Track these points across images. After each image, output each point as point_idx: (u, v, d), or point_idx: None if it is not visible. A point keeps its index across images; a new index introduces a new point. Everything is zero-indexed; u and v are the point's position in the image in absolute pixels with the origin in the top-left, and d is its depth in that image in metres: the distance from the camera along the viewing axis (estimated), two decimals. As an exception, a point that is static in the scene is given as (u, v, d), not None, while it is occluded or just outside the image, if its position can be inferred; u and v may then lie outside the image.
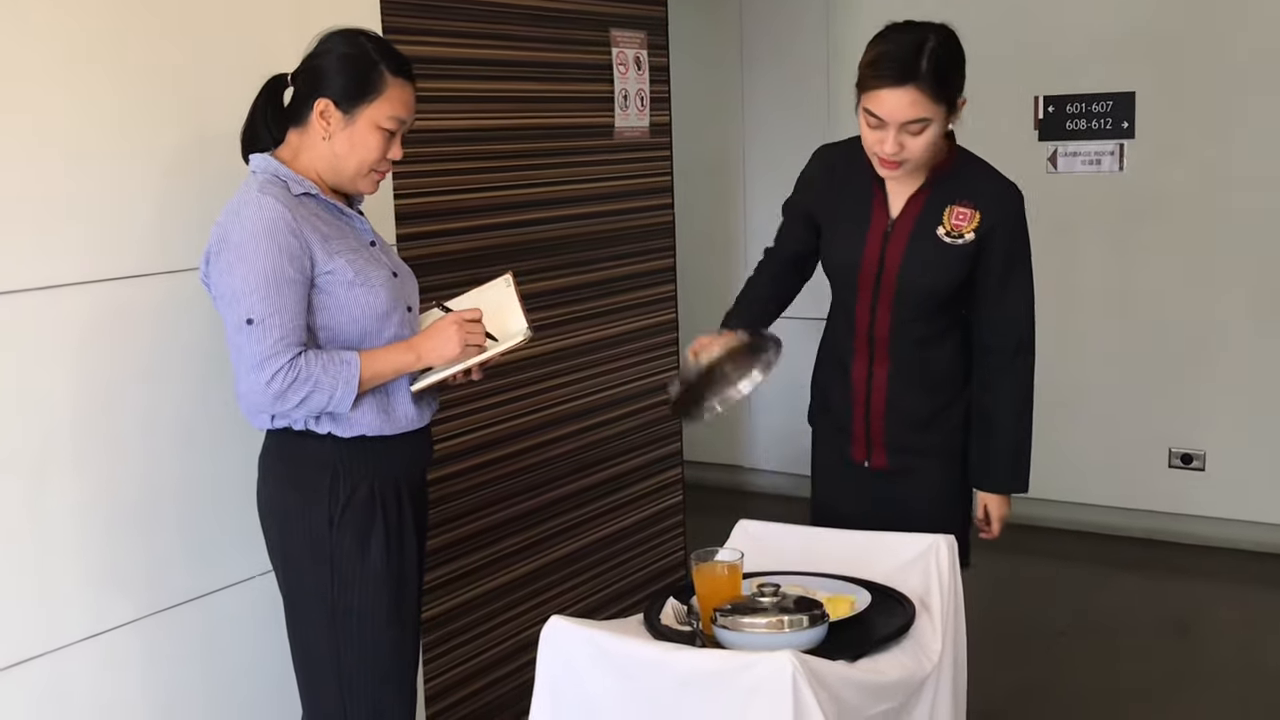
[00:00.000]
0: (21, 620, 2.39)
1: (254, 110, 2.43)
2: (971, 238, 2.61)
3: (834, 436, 2.84)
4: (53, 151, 2.40)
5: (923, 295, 2.66)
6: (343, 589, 2.39)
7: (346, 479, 2.37)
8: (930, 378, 2.72)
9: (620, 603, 4.04)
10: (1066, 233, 5.14)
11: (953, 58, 2.50)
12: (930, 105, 2.46)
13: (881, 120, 2.48)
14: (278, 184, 2.33)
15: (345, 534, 2.37)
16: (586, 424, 3.88)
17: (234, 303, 2.26)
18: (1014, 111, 5.22)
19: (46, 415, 2.42)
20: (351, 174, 2.40)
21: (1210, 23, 4.87)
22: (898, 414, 2.72)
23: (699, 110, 5.85)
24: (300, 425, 2.36)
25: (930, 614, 2.34)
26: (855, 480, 2.80)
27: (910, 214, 2.64)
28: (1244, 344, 4.93)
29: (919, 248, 2.62)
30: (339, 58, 2.36)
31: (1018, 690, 3.86)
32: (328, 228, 2.35)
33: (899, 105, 2.45)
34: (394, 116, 2.37)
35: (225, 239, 2.28)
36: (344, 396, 2.29)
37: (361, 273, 2.35)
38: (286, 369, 2.23)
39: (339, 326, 2.35)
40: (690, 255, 5.11)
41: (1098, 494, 5.27)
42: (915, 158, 2.53)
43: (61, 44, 2.41)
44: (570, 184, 3.78)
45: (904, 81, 2.44)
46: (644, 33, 4.07)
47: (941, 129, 2.52)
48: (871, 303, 2.67)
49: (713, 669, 2.00)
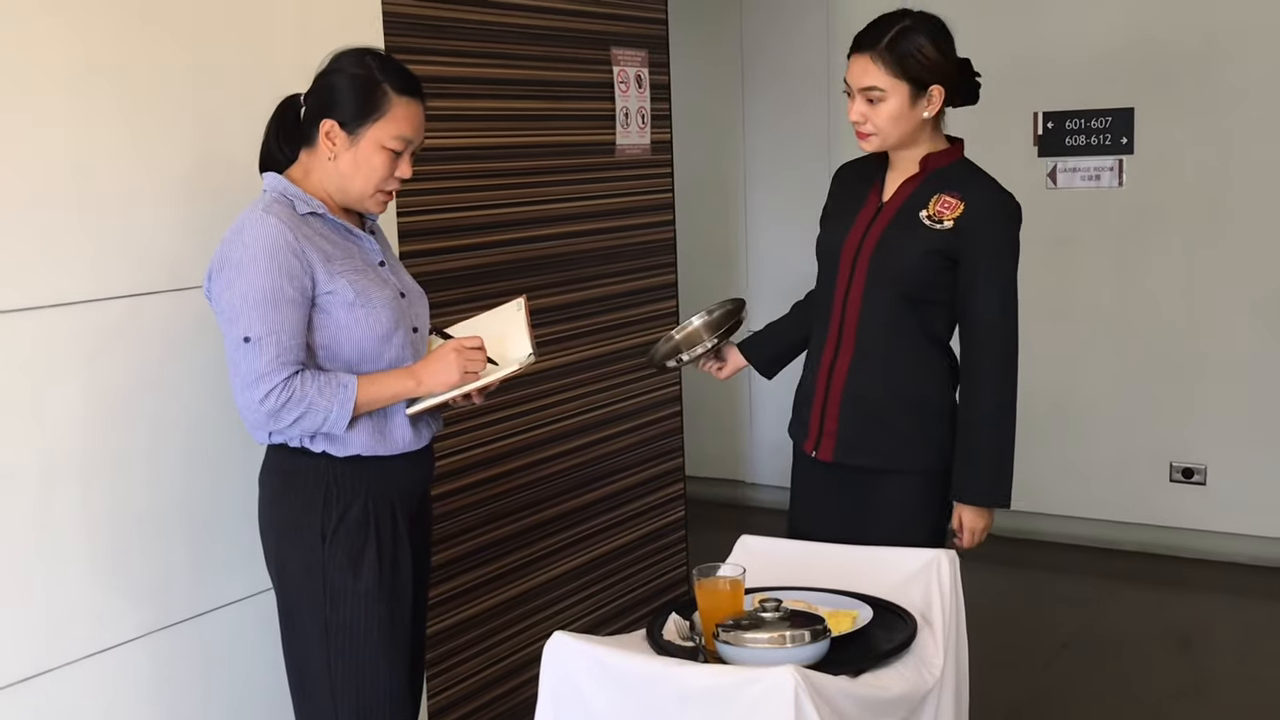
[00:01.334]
0: (26, 637, 2.40)
1: (267, 131, 2.45)
2: (950, 225, 2.65)
3: (799, 435, 2.87)
4: (59, 169, 2.42)
5: (892, 274, 2.68)
6: (334, 606, 2.39)
7: (340, 497, 2.38)
8: (891, 371, 2.71)
9: (623, 618, 4.04)
10: (1066, 248, 5.16)
11: (922, 40, 2.63)
12: (884, 76, 2.62)
13: (849, 88, 2.68)
14: (284, 203, 2.34)
15: (337, 551, 2.38)
16: (588, 439, 3.89)
17: (233, 320, 2.27)
18: (1013, 127, 5.24)
19: (53, 432, 2.43)
20: (358, 194, 2.40)
21: (1209, 38, 4.89)
22: (851, 402, 2.73)
23: (700, 128, 5.87)
24: (295, 442, 2.37)
25: (932, 628, 2.34)
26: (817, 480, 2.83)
27: (899, 198, 2.72)
28: (1244, 358, 4.94)
29: (898, 227, 2.70)
30: (343, 77, 2.37)
31: (1019, 704, 3.86)
32: (332, 247, 2.36)
33: (857, 72, 2.66)
34: (399, 136, 2.37)
35: (227, 256, 2.30)
36: (339, 419, 2.29)
37: (363, 294, 2.35)
38: (281, 388, 2.24)
39: (338, 346, 2.36)
40: (691, 271, 5.13)
41: (1099, 508, 5.27)
42: (880, 131, 2.66)
43: (67, 61, 2.43)
44: (572, 201, 3.80)
45: (862, 50, 2.66)
46: (645, 51, 4.09)
47: (902, 105, 2.63)
48: (847, 284, 2.73)
49: (715, 684, 2.01)
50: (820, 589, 2.41)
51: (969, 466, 2.69)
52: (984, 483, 2.69)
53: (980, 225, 2.64)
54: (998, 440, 2.67)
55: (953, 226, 2.64)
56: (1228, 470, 5.01)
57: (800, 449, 2.86)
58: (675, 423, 4.33)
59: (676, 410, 4.34)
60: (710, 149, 5.97)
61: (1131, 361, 5.15)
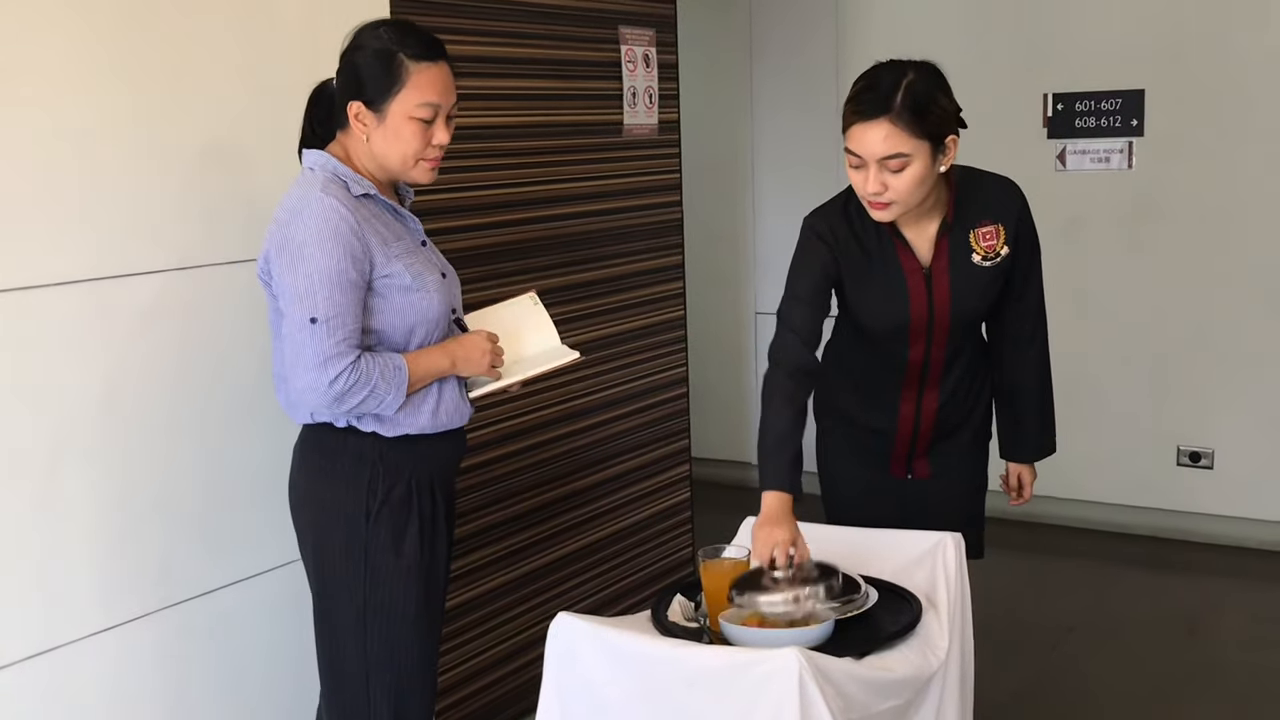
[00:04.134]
0: (34, 613, 2.41)
1: (304, 120, 2.46)
2: (1006, 252, 2.61)
3: (861, 451, 2.81)
4: (63, 149, 2.42)
5: (974, 323, 2.70)
6: (375, 584, 2.40)
7: (386, 475, 2.38)
8: (977, 397, 2.77)
9: (628, 599, 4.05)
10: (1075, 230, 5.14)
11: (933, 93, 2.42)
12: (907, 139, 2.39)
13: (861, 159, 2.43)
14: (338, 184, 2.32)
15: (381, 529, 2.38)
16: (594, 420, 3.89)
17: (297, 301, 2.25)
18: (1023, 109, 5.20)
19: (59, 411, 2.43)
20: (398, 168, 2.39)
21: (1220, 20, 4.86)
22: (943, 430, 2.75)
23: (708, 108, 5.85)
24: (342, 422, 2.37)
25: (937, 611, 2.34)
26: (884, 490, 2.80)
27: (942, 255, 2.59)
28: (1253, 342, 4.92)
29: (963, 285, 2.60)
30: (363, 54, 2.35)
31: (1024, 687, 3.85)
32: (386, 230, 2.36)
33: (874, 140, 2.40)
34: (425, 103, 2.34)
35: (288, 238, 2.27)
36: (394, 400, 2.31)
37: (419, 277, 2.36)
38: (350, 370, 2.24)
39: (390, 330, 2.36)
40: (699, 252, 5.12)
41: (1106, 492, 5.27)
42: (902, 198, 2.45)
43: (71, 42, 2.42)
44: (579, 181, 3.78)
45: (877, 115, 2.39)
46: (653, 30, 4.07)
47: (926, 167, 2.43)
48: (925, 350, 2.65)
49: (719, 666, 2.01)
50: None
51: (1029, 429, 2.82)
52: (1040, 440, 2.84)
53: (1020, 233, 2.64)
54: (1050, 399, 2.82)
55: (1008, 253, 2.61)
56: (1235, 454, 5.00)
57: (879, 467, 2.80)
58: (682, 404, 4.33)
59: (683, 391, 4.33)
60: (718, 129, 5.95)
61: (1139, 344, 5.14)
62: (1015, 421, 2.81)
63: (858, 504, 2.81)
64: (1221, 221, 4.94)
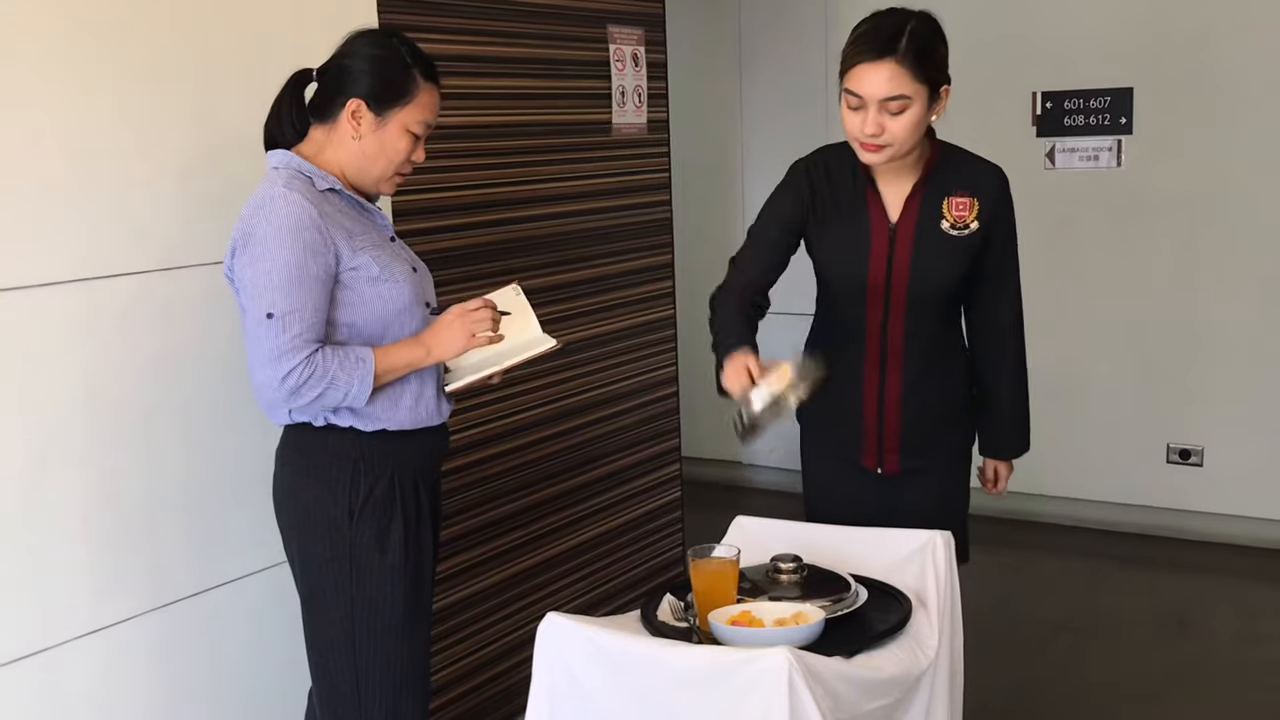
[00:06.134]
0: (22, 615, 2.39)
1: (278, 104, 2.44)
2: (976, 227, 2.62)
3: (834, 442, 2.81)
4: (52, 148, 2.41)
5: (937, 297, 2.66)
6: (361, 582, 2.39)
7: (368, 472, 2.38)
8: (942, 380, 2.74)
9: (617, 599, 4.04)
10: (1064, 229, 5.15)
11: (934, 38, 2.51)
12: (910, 82, 2.45)
13: (862, 99, 2.48)
14: (301, 179, 2.34)
15: (364, 527, 2.38)
16: (584, 420, 3.88)
17: (256, 296, 2.26)
18: (1012, 107, 5.21)
19: (48, 411, 2.42)
20: (377, 176, 2.43)
21: (1208, 18, 4.87)
22: (912, 419, 2.72)
23: (697, 107, 5.84)
24: (320, 420, 2.37)
25: (927, 610, 2.34)
26: (859, 484, 2.79)
27: (910, 214, 2.62)
28: (1242, 339, 4.94)
29: (927, 248, 2.61)
30: (373, 59, 2.37)
31: (1014, 686, 3.86)
32: (352, 224, 2.36)
33: (878, 80, 2.46)
34: (422, 121, 2.41)
35: (250, 233, 2.29)
36: (359, 393, 2.30)
37: (386, 268, 2.37)
38: (303, 365, 2.24)
39: (362, 322, 2.36)
40: (688, 251, 5.11)
41: (1096, 489, 5.28)
42: (897, 142, 2.50)
43: (61, 39, 2.41)
44: (568, 180, 3.78)
45: (883, 55, 2.45)
46: (641, 29, 4.07)
47: (922, 112, 2.49)
48: (883, 314, 2.65)
49: (709, 666, 2.01)
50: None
51: (1006, 427, 2.84)
52: (1019, 438, 2.86)
53: (997, 214, 2.65)
54: (1026, 397, 2.83)
55: (978, 228, 2.62)
56: (1225, 452, 5.01)
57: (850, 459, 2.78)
58: (672, 403, 4.32)
59: (673, 391, 4.33)
60: (708, 129, 5.95)
61: (1129, 342, 5.15)
62: (992, 421, 2.83)
63: (830, 500, 2.83)
64: (1210, 219, 4.95)
